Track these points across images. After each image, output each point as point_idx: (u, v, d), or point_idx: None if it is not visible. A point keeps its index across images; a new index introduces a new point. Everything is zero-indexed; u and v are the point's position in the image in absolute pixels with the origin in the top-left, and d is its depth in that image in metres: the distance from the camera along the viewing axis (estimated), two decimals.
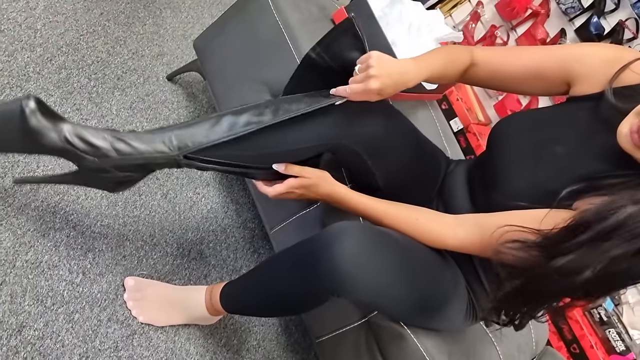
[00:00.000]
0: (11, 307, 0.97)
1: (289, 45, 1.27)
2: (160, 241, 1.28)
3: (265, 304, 1.01)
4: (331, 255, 0.83)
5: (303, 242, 0.92)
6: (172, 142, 0.94)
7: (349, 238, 0.84)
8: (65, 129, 0.90)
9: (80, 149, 0.90)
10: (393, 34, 1.27)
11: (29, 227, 1.06)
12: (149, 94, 1.47)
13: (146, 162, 0.94)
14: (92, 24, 1.44)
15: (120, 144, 0.92)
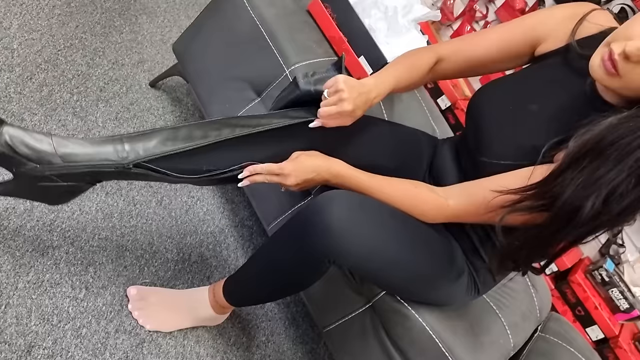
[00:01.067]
0: (18, 329, 0.98)
1: (267, 40, 1.27)
2: (160, 248, 1.28)
3: (269, 286, 1.02)
4: (321, 218, 0.86)
5: (295, 215, 0.95)
6: (124, 149, 0.90)
7: (337, 202, 0.87)
8: (5, 131, 0.84)
9: (22, 154, 0.84)
10: (370, 20, 1.27)
11: (27, 247, 1.06)
12: (133, 103, 1.47)
13: (93, 170, 0.89)
14: (69, 38, 1.43)
15: (65, 150, 0.87)
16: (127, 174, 0.92)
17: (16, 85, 1.24)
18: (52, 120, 1.26)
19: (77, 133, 1.29)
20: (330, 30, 1.31)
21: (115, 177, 0.94)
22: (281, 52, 1.25)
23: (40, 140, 0.87)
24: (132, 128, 1.42)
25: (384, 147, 1.14)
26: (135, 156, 0.90)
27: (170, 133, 0.94)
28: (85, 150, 0.89)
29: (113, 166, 0.89)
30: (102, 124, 1.36)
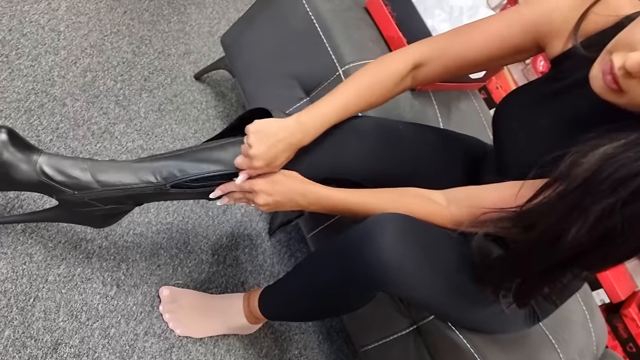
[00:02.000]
0: (45, 324, 0.92)
1: (321, 37, 1.19)
2: (195, 248, 1.22)
3: (308, 306, 0.94)
4: (373, 244, 0.77)
5: (341, 236, 0.86)
6: (161, 172, 0.88)
7: (390, 227, 0.78)
8: (41, 161, 0.83)
9: (59, 182, 0.84)
10: (433, 20, 1.18)
11: (60, 238, 1.01)
12: (177, 95, 1.42)
13: (131, 193, 0.87)
14: (116, 24, 1.39)
15: (102, 175, 0.86)
16: (166, 194, 0.90)
17: (60, 68, 1.20)
18: (94, 108, 1.21)
19: (119, 122, 1.24)
20: (389, 29, 1.23)
21: (154, 198, 0.93)
22: (335, 49, 1.18)
23: (76, 166, 0.85)
24: (175, 121, 1.37)
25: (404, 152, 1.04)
26: (170, 176, 0.88)
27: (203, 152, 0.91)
28: (122, 174, 0.87)
29: (151, 188, 0.88)
30: (144, 114, 1.31)
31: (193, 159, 0.91)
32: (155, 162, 0.90)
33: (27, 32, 1.18)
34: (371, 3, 1.25)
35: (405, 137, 1.00)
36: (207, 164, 0.90)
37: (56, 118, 1.13)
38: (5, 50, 1.12)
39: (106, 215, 0.92)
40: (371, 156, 0.96)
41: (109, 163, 0.89)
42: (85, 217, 0.91)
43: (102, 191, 0.86)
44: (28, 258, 0.96)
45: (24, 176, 0.83)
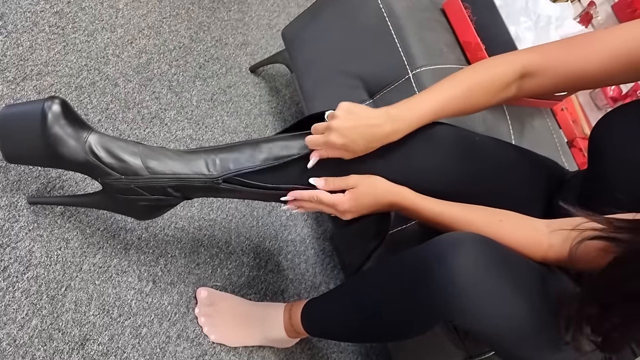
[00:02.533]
0: (75, 317, 0.85)
1: (392, 36, 1.11)
2: (237, 249, 1.14)
3: (357, 327, 0.84)
4: (446, 265, 0.67)
5: (406, 254, 0.76)
6: (215, 163, 0.81)
7: (466, 250, 0.68)
8: (91, 139, 0.77)
9: (107, 164, 0.77)
10: (518, 27, 1.08)
11: (99, 225, 0.95)
12: (230, 86, 1.35)
13: (180, 184, 0.80)
14: (176, 7, 1.33)
15: (153, 162, 0.79)
16: (216, 190, 0.83)
17: (115, 47, 1.14)
18: (146, 91, 1.15)
19: (170, 109, 1.18)
20: (467, 34, 1.13)
21: (202, 193, 0.85)
22: (407, 50, 1.09)
23: (127, 149, 0.79)
24: (226, 112, 1.30)
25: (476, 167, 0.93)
26: (224, 170, 0.81)
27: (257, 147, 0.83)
28: (173, 162, 0.80)
29: (202, 180, 0.81)
30: (196, 103, 1.24)
31: (250, 153, 0.83)
32: (210, 153, 0.82)
33: (85, 6, 1.13)
34: (449, 4, 1.16)
35: (483, 150, 0.90)
36: (265, 158, 0.82)
37: (107, 98, 1.07)
38: (62, 22, 1.07)
39: (150, 207, 0.85)
40: (446, 166, 0.86)
41: (160, 150, 0.82)
42: (128, 207, 0.84)
43: (150, 179, 0.79)
44: (64, 243, 0.89)
45: (71, 153, 0.76)
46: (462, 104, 0.81)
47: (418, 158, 0.84)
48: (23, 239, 0.85)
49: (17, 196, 0.87)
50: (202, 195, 0.86)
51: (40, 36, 1.02)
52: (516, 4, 1.10)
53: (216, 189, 0.82)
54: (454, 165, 0.86)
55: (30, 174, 0.90)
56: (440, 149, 0.85)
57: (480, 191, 0.87)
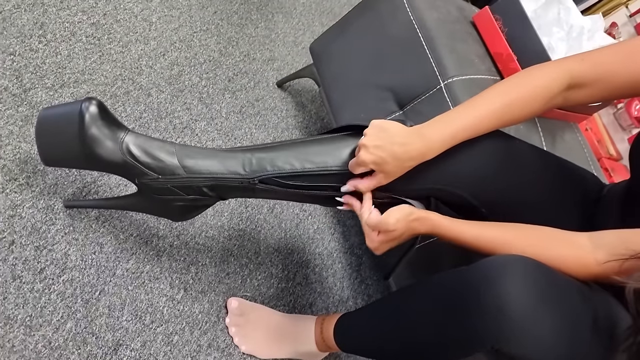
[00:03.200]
0: (108, 321, 0.84)
1: (424, 47, 1.11)
2: (266, 260, 1.13)
3: (392, 348, 0.80)
4: (494, 290, 0.63)
5: (448, 275, 0.73)
6: (251, 163, 0.80)
7: (516, 274, 0.64)
8: (128, 139, 0.77)
9: (143, 163, 0.77)
10: (551, 38, 1.08)
11: (132, 231, 0.94)
12: (258, 99, 1.36)
13: (217, 183, 0.80)
14: (206, 22, 1.35)
15: (189, 161, 0.79)
16: (252, 190, 0.82)
17: (149, 58, 1.16)
18: (178, 102, 1.16)
19: (200, 119, 1.18)
20: (498, 45, 1.13)
21: (239, 193, 0.84)
22: (438, 61, 1.09)
23: (164, 148, 0.79)
24: (254, 125, 1.30)
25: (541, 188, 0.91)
26: (260, 170, 0.80)
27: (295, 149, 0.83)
28: (209, 161, 0.80)
29: (238, 180, 0.80)
30: (225, 115, 1.25)
31: (288, 154, 0.82)
32: (246, 153, 0.82)
33: (120, 19, 1.15)
34: (480, 16, 1.17)
35: (523, 157, 0.88)
36: (303, 161, 0.81)
37: (140, 107, 1.08)
38: (98, 33, 1.09)
39: (186, 207, 0.84)
40: (483, 169, 0.84)
41: (197, 149, 0.81)
42: (163, 207, 0.84)
43: (186, 178, 0.79)
44: (98, 248, 0.89)
45: (108, 154, 0.76)
46: (500, 118, 0.78)
47: (455, 162, 0.83)
48: (59, 242, 0.84)
49: (54, 199, 0.87)
50: (238, 195, 0.85)
51: (78, 46, 1.04)
52: (548, 15, 1.10)
53: (252, 189, 0.82)
54: (492, 171, 0.85)
55: (66, 178, 0.90)
56: (479, 153, 0.84)
57: (517, 200, 0.86)
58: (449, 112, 0.78)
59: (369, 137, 0.75)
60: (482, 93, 0.79)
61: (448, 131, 0.76)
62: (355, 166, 0.77)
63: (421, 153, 0.75)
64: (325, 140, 0.84)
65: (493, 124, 0.78)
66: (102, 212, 0.92)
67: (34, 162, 0.87)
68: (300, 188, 0.82)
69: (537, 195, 0.88)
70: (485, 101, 0.78)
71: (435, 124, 0.77)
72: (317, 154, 0.82)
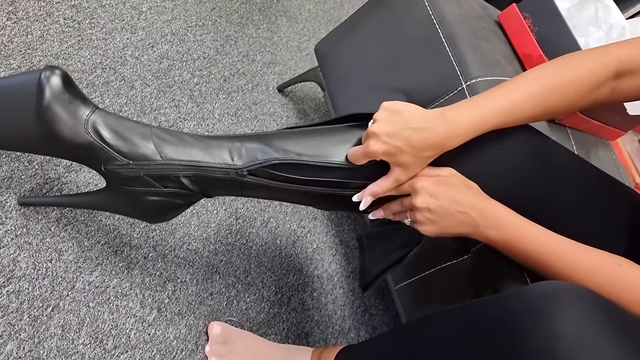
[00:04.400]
0: (60, 345, 0.69)
1: (444, 43, 0.99)
2: (256, 280, 0.98)
3: None
4: (544, 327, 0.49)
5: (480, 305, 0.58)
6: (240, 152, 0.67)
7: (571, 306, 0.50)
8: (94, 117, 0.63)
9: (112, 146, 0.63)
10: (588, 39, 0.96)
11: (100, 238, 0.80)
12: (256, 103, 1.23)
13: (200, 174, 0.66)
14: (202, 18, 1.23)
15: (167, 146, 0.65)
16: (239, 185, 0.68)
17: (135, 48, 1.03)
18: (165, 97, 1.03)
19: (189, 119, 1.05)
20: (527, 46, 1.01)
21: (224, 188, 0.69)
22: (460, 59, 0.96)
23: (137, 130, 0.65)
24: (250, 129, 1.17)
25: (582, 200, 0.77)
26: (250, 160, 0.67)
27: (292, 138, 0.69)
28: (191, 148, 0.66)
29: (224, 170, 0.66)
30: (218, 116, 1.12)
31: (283, 143, 0.69)
32: (235, 142, 0.68)
33: (106, 4, 1.03)
34: (506, 15, 1.05)
35: (561, 158, 0.75)
36: (300, 152, 0.68)
37: (121, 99, 0.95)
38: (78, 16, 0.97)
39: (162, 204, 0.69)
40: (516, 170, 0.70)
41: (177, 133, 0.68)
42: (135, 203, 0.69)
43: (162, 165, 0.65)
44: (56, 255, 0.74)
45: (69, 133, 0.62)
46: (539, 103, 0.65)
47: (483, 158, 0.70)
48: (7, 245, 0.70)
49: (6, 195, 0.73)
50: (223, 192, 0.71)
51: (54, 27, 0.92)
52: (584, 14, 0.99)
53: (240, 183, 0.68)
54: (526, 173, 0.71)
55: (24, 172, 0.76)
56: (511, 150, 0.70)
57: (552, 211, 0.72)
58: (481, 95, 0.65)
59: (380, 122, 0.62)
60: (517, 76, 0.67)
61: (477, 115, 0.63)
62: (361, 156, 0.64)
63: (441, 139, 0.62)
64: (327, 131, 0.71)
65: (531, 111, 0.65)
66: (64, 213, 0.78)
67: None
68: (296, 182, 0.68)
69: (578, 207, 0.74)
70: (522, 83, 0.65)
71: (461, 106, 0.64)
72: (318, 146, 0.68)
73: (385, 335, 0.73)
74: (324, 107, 1.39)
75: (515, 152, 0.70)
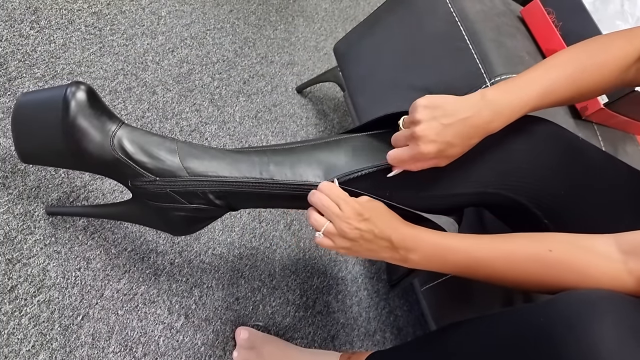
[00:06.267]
0: (91, 353, 0.69)
1: (466, 41, 0.97)
2: (281, 284, 0.98)
3: None
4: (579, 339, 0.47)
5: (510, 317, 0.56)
6: (269, 170, 0.66)
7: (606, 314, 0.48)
8: (120, 133, 0.63)
9: (138, 162, 0.63)
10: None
11: (126, 245, 0.80)
12: (276, 105, 1.22)
13: (227, 189, 0.65)
14: (221, 20, 1.23)
15: (193, 161, 0.65)
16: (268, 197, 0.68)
17: (155, 54, 1.03)
18: (186, 102, 1.03)
19: (211, 123, 1.05)
20: (551, 41, 0.99)
21: (252, 202, 0.70)
22: (484, 56, 0.95)
23: (163, 145, 0.65)
24: (271, 132, 1.17)
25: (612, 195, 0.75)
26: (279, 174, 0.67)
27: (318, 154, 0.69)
28: (218, 163, 0.66)
29: (253, 185, 0.65)
30: (239, 119, 1.11)
31: (310, 158, 0.68)
32: (262, 156, 0.67)
33: (125, 10, 1.03)
34: (529, 10, 1.03)
35: (592, 159, 0.73)
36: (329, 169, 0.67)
37: (143, 105, 0.95)
38: (99, 23, 0.97)
39: (188, 218, 0.69)
40: (544, 167, 0.69)
41: (203, 147, 0.67)
42: (161, 218, 0.69)
43: (189, 182, 0.64)
44: (84, 263, 0.74)
45: (95, 149, 0.62)
46: (574, 86, 0.65)
47: (511, 156, 0.68)
48: (37, 255, 0.70)
49: (34, 204, 0.73)
50: (250, 204, 0.71)
51: (75, 35, 0.92)
52: (609, 8, 0.96)
53: (268, 195, 0.67)
54: (554, 169, 0.69)
55: (51, 180, 0.76)
56: (538, 145, 0.68)
57: (582, 210, 0.70)
58: (519, 76, 0.64)
59: (425, 123, 0.60)
60: (549, 59, 0.66)
61: (520, 96, 0.62)
62: (409, 160, 0.62)
63: (486, 122, 0.61)
64: (351, 141, 0.70)
65: (567, 92, 0.64)
66: (91, 221, 0.78)
67: (13, 161, 0.74)
68: None
69: (610, 205, 0.72)
70: (557, 64, 0.65)
71: (503, 87, 0.63)
72: (346, 159, 0.68)
73: (416, 342, 0.71)
74: (343, 107, 1.38)
75: (542, 149, 0.68)
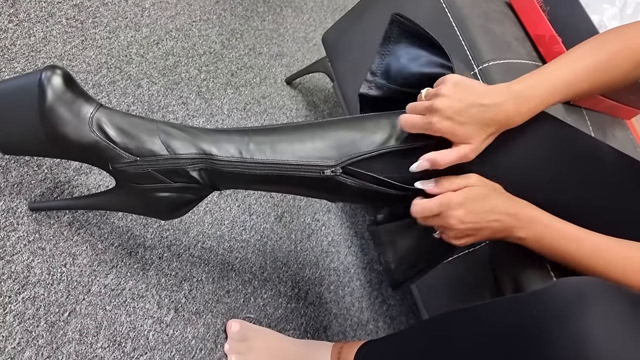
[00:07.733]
0: (79, 349, 0.68)
1: (454, 28, 0.97)
2: (272, 276, 0.97)
3: None
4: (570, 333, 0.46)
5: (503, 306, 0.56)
6: (249, 149, 0.65)
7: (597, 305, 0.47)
8: (98, 115, 0.62)
9: (118, 144, 0.62)
10: (603, 17, 0.93)
11: (113, 240, 0.79)
12: (265, 97, 1.21)
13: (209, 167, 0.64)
14: (207, 12, 1.22)
15: (174, 140, 0.64)
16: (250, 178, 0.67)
17: (140, 46, 1.02)
18: (172, 95, 1.02)
19: (198, 115, 1.04)
20: (539, 27, 0.98)
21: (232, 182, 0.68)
22: (472, 44, 0.94)
23: (143, 126, 0.64)
24: (259, 124, 1.16)
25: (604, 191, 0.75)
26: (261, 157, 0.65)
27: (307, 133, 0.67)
28: (199, 141, 0.65)
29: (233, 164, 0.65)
30: (227, 112, 1.10)
31: (296, 137, 0.67)
32: (243, 136, 0.66)
33: (108, 2, 1.02)
34: None
35: (578, 146, 0.72)
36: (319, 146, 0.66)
37: (128, 99, 0.94)
38: (81, 16, 0.96)
39: (172, 200, 0.67)
40: (539, 164, 0.68)
41: (184, 127, 0.66)
42: (146, 201, 0.67)
43: (170, 159, 0.63)
44: (70, 259, 0.73)
45: (74, 133, 0.61)
46: (594, 76, 0.65)
47: (505, 156, 0.68)
48: (21, 252, 0.69)
49: (16, 200, 0.72)
50: (230, 185, 0.69)
51: (56, 28, 0.91)
52: None
53: (248, 177, 0.66)
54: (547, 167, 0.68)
55: (34, 176, 0.75)
56: (535, 141, 0.68)
57: (579, 200, 0.69)
58: (543, 68, 0.65)
59: (447, 97, 0.59)
60: (567, 53, 0.67)
61: (545, 89, 0.62)
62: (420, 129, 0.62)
63: (509, 116, 0.60)
64: (348, 122, 0.69)
65: (586, 85, 0.64)
66: (76, 216, 0.77)
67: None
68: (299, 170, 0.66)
69: (605, 194, 0.71)
70: (577, 55, 0.65)
71: (529, 79, 0.63)
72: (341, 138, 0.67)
73: (408, 332, 0.71)
74: (333, 98, 1.38)
75: (536, 145, 0.68)
